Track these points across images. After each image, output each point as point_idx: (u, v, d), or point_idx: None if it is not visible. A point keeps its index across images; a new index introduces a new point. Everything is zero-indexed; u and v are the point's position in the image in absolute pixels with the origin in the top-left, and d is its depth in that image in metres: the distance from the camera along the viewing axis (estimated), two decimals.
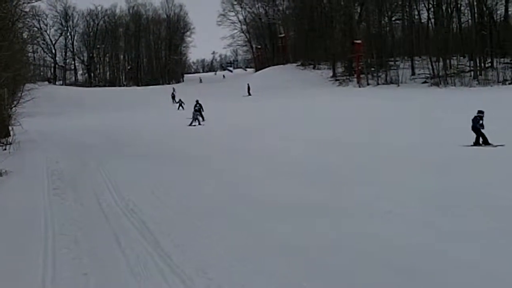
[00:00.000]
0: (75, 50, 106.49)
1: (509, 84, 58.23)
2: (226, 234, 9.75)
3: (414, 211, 10.69)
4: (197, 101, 37.38)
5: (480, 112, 19.69)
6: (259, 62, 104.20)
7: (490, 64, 64.64)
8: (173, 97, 64.59)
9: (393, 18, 78.18)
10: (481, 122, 19.35)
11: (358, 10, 79.58)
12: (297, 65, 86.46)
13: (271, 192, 13.18)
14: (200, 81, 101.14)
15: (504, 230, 9.08)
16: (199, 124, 34.11)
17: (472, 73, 63.52)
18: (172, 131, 32.09)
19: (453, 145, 19.46)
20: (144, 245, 9.32)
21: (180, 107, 50.67)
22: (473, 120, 19.51)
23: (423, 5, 75.96)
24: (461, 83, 61.08)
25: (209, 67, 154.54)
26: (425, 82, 64.90)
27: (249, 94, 67.47)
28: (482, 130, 19.26)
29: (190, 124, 33.67)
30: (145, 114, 48.12)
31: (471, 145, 19.25)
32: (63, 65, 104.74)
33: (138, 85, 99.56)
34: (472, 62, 65.18)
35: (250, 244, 9.09)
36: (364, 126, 28.21)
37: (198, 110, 35.98)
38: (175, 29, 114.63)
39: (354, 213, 10.81)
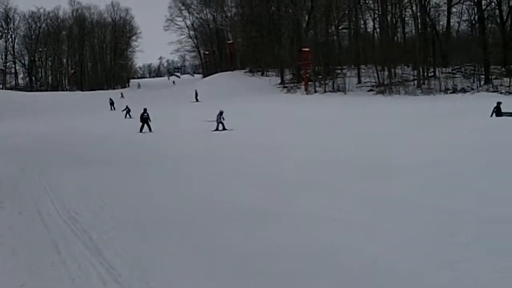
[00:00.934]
0: (15, 53, 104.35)
1: (451, 93, 60.13)
2: (174, 241, 9.55)
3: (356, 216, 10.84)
4: (145, 110, 35.11)
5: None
6: (207, 68, 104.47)
7: (433, 73, 66.62)
8: (112, 103, 62.72)
9: (340, 27, 79.59)
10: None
11: (306, 18, 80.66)
12: (245, 72, 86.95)
13: (222, 196, 13.21)
14: (139, 86, 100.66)
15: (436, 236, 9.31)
16: (219, 129, 32.28)
17: (415, 82, 65.32)
18: (107, 136, 31.78)
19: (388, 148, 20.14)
20: (87, 254, 9.01)
21: (127, 115, 47.69)
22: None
23: (369, 14, 77.84)
24: (405, 91, 62.76)
25: (156, 72, 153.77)
26: (371, 90, 66.39)
27: (197, 100, 67.57)
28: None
29: (216, 129, 32.08)
30: (92, 119, 47.46)
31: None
32: (3, 68, 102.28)
33: (82, 90, 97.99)
34: (415, 71, 67.03)
35: (197, 250, 8.96)
36: (314, 132, 28.82)
37: (146, 119, 34.31)
38: (120, 33, 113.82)
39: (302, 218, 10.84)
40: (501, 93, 58.73)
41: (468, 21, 74.29)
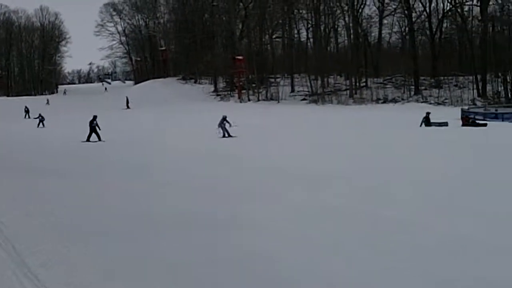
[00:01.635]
0: None
1: (382, 103, 61.19)
2: (105, 251, 9.06)
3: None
4: (94, 117, 31.39)
5: None
6: (138, 74, 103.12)
7: (364, 83, 67.67)
8: (27, 111, 58.67)
9: (274, 36, 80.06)
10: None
11: (240, 26, 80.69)
12: (178, 79, 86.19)
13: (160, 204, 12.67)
14: (64, 93, 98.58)
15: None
16: (225, 136, 29.88)
17: (348, 91, 66.14)
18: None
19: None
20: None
21: (41, 124, 44.52)
22: None
23: (302, 24, 78.58)
24: (338, 101, 63.49)
25: (86, 78, 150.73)
26: (304, 99, 66.86)
27: (128, 107, 66.40)
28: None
29: (223, 136, 29.71)
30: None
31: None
32: None
33: (8, 95, 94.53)
34: (348, 81, 67.89)
35: (127, 259, 8.57)
36: (246, 141, 28.46)
37: (94, 127, 31.02)
38: (49, 38, 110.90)
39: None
40: (431, 103, 60.21)
41: (399, 33, 75.95)
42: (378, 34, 75.18)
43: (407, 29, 72.70)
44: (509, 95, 62.60)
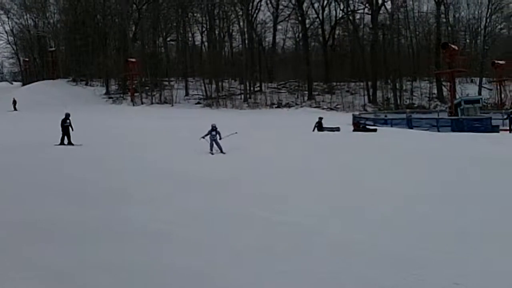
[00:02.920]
0: None
1: (276, 107, 61.49)
2: None
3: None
4: (67, 115, 26.56)
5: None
6: (27, 75, 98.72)
7: (259, 88, 67.85)
8: None
9: (168, 39, 78.85)
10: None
11: (133, 28, 78.96)
12: (68, 81, 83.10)
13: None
14: None
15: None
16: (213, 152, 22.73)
17: (242, 96, 66.06)
18: None
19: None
20: None
21: None
22: None
23: (197, 28, 77.80)
24: (232, 105, 63.28)
25: None
26: (198, 103, 66.18)
27: (15, 109, 63.20)
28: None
29: (221, 151, 22.67)
30: None
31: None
32: None
33: None
34: (242, 85, 67.82)
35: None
36: (136, 144, 27.46)
37: (67, 127, 26.10)
38: None
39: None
40: (323, 108, 61.07)
41: (293, 39, 76.79)
42: (273, 40, 75.80)
43: (300, 35, 73.67)
44: (398, 101, 64.53)
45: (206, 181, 15.83)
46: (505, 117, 40.11)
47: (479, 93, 63.11)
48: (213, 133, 23.12)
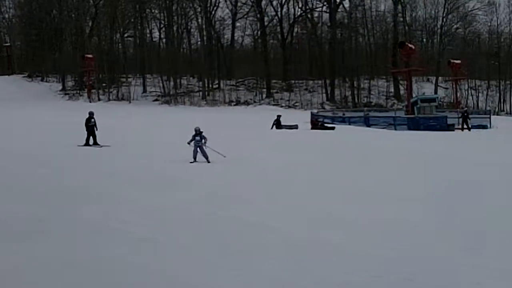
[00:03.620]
0: None
1: (235, 105, 61.36)
2: None
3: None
4: (91, 114, 24.51)
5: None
6: None
7: (217, 85, 67.62)
8: None
9: (125, 35, 77.94)
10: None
11: (90, 24, 77.81)
12: (24, 77, 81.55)
13: None
14: None
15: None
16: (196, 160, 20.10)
17: (200, 93, 65.77)
18: None
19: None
20: None
21: None
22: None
23: (155, 24, 77.13)
24: (190, 102, 62.96)
25: None
26: (156, 100, 65.63)
27: None
28: None
29: (206, 158, 19.82)
30: None
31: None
32: None
33: None
34: (201, 82, 67.50)
35: None
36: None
37: (92, 127, 24.16)
38: None
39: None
40: (282, 106, 61.16)
41: (252, 36, 76.64)
42: (231, 37, 75.54)
43: (259, 32, 73.57)
44: (356, 100, 65.00)
45: (161, 179, 15.69)
46: (459, 115, 40.68)
47: (435, 92, 64.08)
48: (197, 138, 19.92)
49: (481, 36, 77.57)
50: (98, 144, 23.63)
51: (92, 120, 24.06)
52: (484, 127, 41.89)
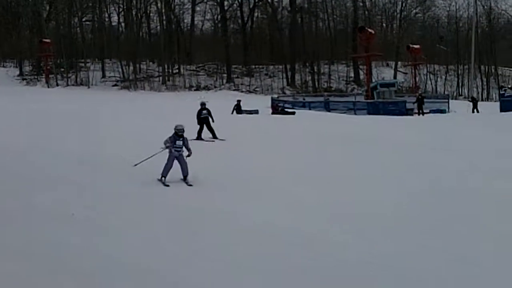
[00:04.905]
0: None
1: (195, 90, 61.19)
2: None
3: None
4: (203, 105, 22.05)
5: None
6: None
7: (177, 70, 67.24)
8: None
9: (84, 19, 76.78)
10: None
11: (47, 8, 76.44)
12: None
13: None
14: None
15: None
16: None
17: (160, 78, 65.36)
18: None
19: None
20: None
21: None
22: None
23: (113, 8, 76.01)
24: (150, 87, 62.57)
25: None
26: (115, 85, 65.03)
27: None
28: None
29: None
30: None
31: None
32: None
33: None
34: (161, 67, 67.03)
35: None
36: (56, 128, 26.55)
37: (206, 118, 21.56)
38: None
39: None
40: (242, 91, 61.19)
41: (212, 21, 76.23)
42: (191, 22, 75.00)
43: (219, 17, 73.26)
44: (316, 85, 65.34)
45: (125, 166, 15.08)
46: (415, 100, 41.12)
47: (395, 77, 64.89)
48: (179, 142, 13.75)
49: (439, 21, 78.49)
50: (217, 138, 21.10)
51: (204, 111, 21.42)
52: (443, 111, 42.35)
